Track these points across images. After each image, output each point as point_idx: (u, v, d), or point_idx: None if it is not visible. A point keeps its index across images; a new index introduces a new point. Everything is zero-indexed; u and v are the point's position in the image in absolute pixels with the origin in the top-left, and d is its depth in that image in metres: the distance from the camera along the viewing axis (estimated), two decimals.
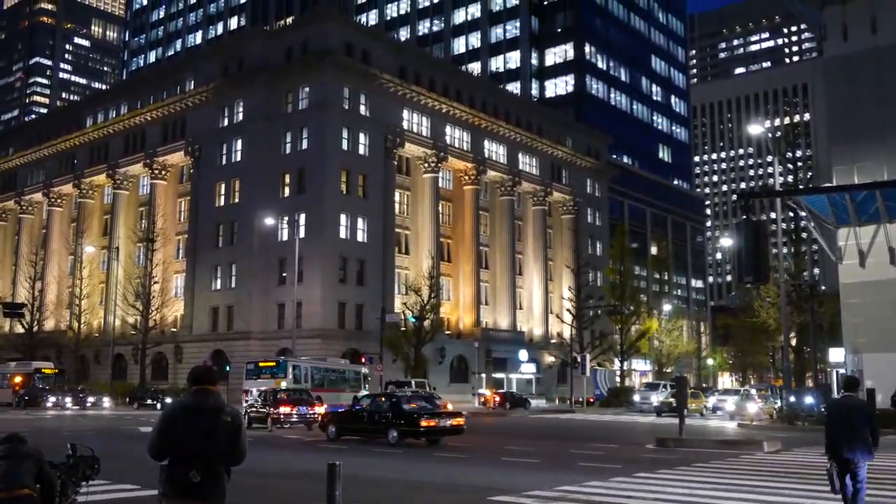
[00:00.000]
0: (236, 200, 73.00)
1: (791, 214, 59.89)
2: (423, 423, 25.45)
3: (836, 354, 50.95)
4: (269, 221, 66.76)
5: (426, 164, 78.51)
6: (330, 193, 69.00)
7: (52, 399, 55.15)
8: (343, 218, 69.94)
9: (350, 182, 70.99)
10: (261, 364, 50.54)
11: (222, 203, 74.34)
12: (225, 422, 6.00)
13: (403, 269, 76.09)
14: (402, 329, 64.04)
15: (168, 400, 48.56)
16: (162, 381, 69.92)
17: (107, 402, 57.70)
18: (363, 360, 62.62)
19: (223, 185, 74.45)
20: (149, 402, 55.95)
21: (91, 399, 57.15)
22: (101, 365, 77.14)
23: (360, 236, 71.31)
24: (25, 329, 76.82)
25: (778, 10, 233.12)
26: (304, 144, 70.47)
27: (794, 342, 60.56)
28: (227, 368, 62.86)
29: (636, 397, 61.62)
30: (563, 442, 28.87)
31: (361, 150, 72.21)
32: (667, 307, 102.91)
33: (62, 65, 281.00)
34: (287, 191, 70.96)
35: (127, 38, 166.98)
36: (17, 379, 59.73)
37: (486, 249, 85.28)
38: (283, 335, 66.24)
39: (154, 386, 65.00)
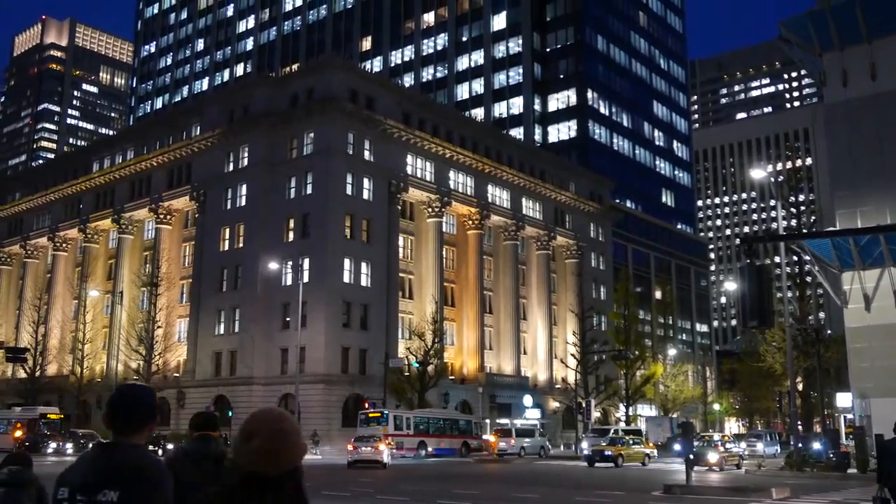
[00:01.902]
0: (240, 245, 73.19)
1: (795, 258, 59.90)
2: None
3: (843, 399, 50.54)
4: (273, 266, 66.86)
5: (430, 209, 78.79)
6: (334, 238, 69.17)
7: (53, 445, 54.70)
8: (347, 263, 70.00)
9: (354, 227, 71.20)
10: (369, 414, 54.64)
11: (226, 247, 74.53)
12: (227, 469, 5.96)
13: (407, 313, 75.92)
14: (406, 374, 63.72)
15: (169, 446, 48.23)
16: (164, 427, 69.34)
17: None
18: (366, 404, 62.20)
19: (227, 230, 74.71)
20: (150, 447, 55.41)
21: (91, 444, 56.65)
22: (104, 411, 76.61)
23: (364, 281, 71.29)
24: (28, 374, 76.53)
25: (778, 56, 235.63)
26: (309, 189, 70.84)
27: (800, 387, 60.10)
28: (230, 414, 62.58)
29: (583, 444, 55.68)
30: (569, 490, 28.55)
31: (365, 195, 72.55)
32: (672, 352, 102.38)
33: (70, 111, 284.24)
34: (291, 235, 71.16)
35: (134, 85, 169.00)
36: (19, 425, 59.30)
37: (489, 294, 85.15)
38: (286, 380, 65.92)
39: (156, 431, 64.44)
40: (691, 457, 30.23)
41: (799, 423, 48.44)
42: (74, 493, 3.56)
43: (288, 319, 68.02)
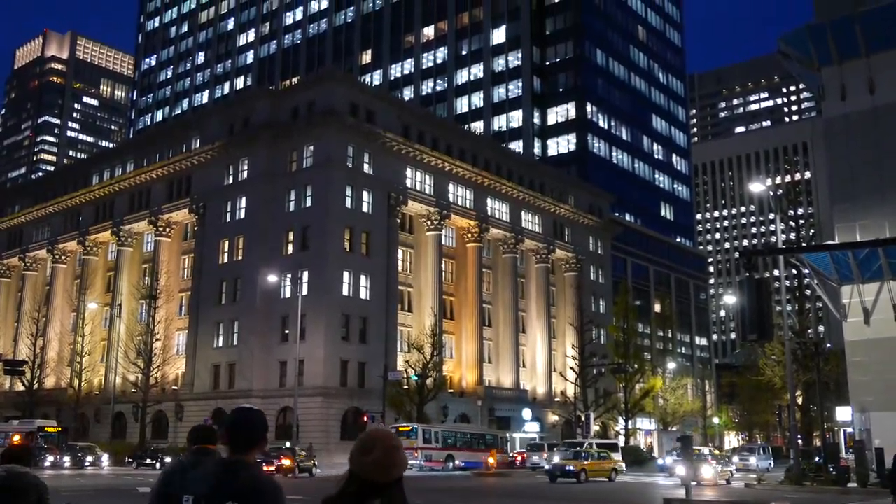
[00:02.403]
0: (240, 258, 73.17)
1: (794, 272, 59.88)
2: None
3: (843, 413, 50.43)
4: (272, 279, 66.83)
5: (429, 222, 78.86)
6: (333, 251, 69.17)
7: (51, 458, 54.47)
8: (346, 275, 69.98)
9: (353, 240, 71.23)
10: (400, 428, 55.16)
11: (226, 260, 74.53)
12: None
13: (406, 326, 75.84)
14: (405, 387, 63.58)
15: (167, 459, 48.04)
16: (162, 440, 69.22)
17: (106, 460, 56.96)
18: (365, 418, 62.04)
19: (227, 243, 74.72)
20: (148, 461, 55.24)
21: (90, 458, 56.43)
22: (101, 423, 76.48)
23: (363, 294, 71.25)
24: (26, 386, 76.34)
25: (776, 70, 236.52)
26: (308, 202, 70.90)
27: (800, 400, 59.97)
28: None
29: (555, 458, 50.14)
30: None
31: (365, 208, 72.61)
32: (671, 365, 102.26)
33: (70, 123, 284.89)
34: (290, 248, 71.16)
35: (135, 98, 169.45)
36: (17, 438, 59.10)
37: (488, 307, 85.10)
38: (284, 393, 65.77)
39: (154, 445, 64.26)
40: (690, 471, 30.13)
41: (799, 436, 48.32)
42: (199, 502, 4.33)
43: (287, 332, 67.93)
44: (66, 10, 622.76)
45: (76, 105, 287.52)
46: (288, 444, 53.54)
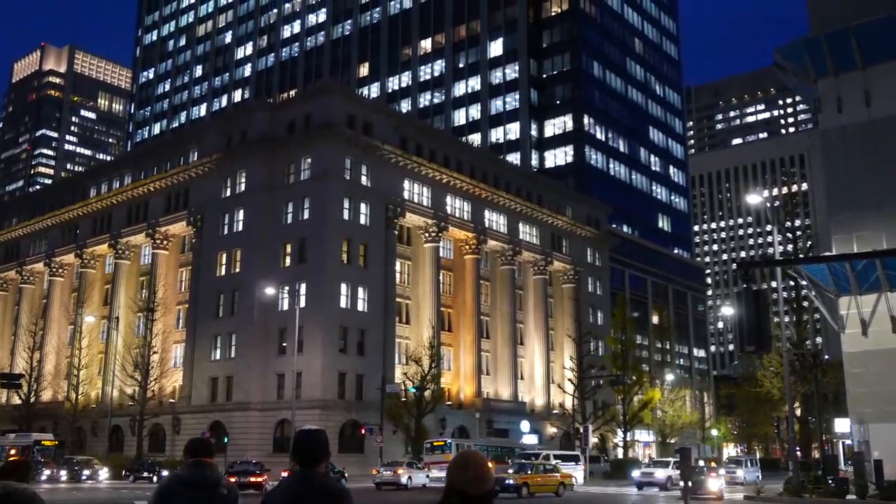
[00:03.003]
0: (237, 270, 73.11)
1: (792, 283, 59.94)
2: None
3: (841, 425, 50.38)
4: (270, 291, 66.76)
5: (427, 234, 78.88)
6: (331, 263, 69.15)
7: (48, 472, 54.20)
8: (344, 287, 69.92)
9: (351, 252, 71.21)
10: (434, 443, 59.45)
11: (223, 273, 74.45)
12: (221, 495, 5.90)
13: (404, 338, 75.75)
14: (403, 399, 63.44)
15: (164, 473, 47.84)
16: (159, 454, 68.95)
17: (103, 474, 56.64)
18: (363, 430, 61.92)
19: (224, 255, 74.67)
20: (145, 474, 55.00)
21: (87, 472, 56.15)
22: (98, 437, 76.20)
23: (361, 306, 71.18)
24: (23, 400, 76.08)
25: (773, 82, 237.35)
26: (306, 214, 70.92)
27: (798, 412, 59.93)
28: (226, 440, 62.17)
29: (510, 470, 45.54)
30: None
31: (362, 220, 72.63)
32: (669, 377, 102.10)
33: (68, 136, 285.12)
34: (288, 261, 71.12)
35: (132, 111, 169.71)
36: (13, 452, 58.83)
37: (486, 319, 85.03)
38: (282, 406, 65.62)
39: (151, 458, 63.97)
40: (689, 484, 30.06)
41: (797, 448, 48.24)
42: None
43: (284, 345, 67.81)
44: (64, 24, 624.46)
45: (74, 118, 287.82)
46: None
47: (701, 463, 56.26)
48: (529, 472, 42.29)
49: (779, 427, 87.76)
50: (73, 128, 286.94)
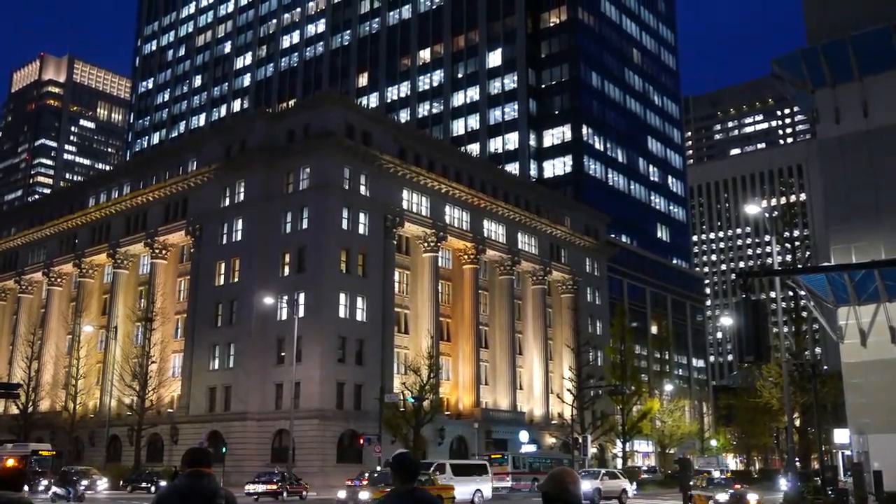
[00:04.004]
0: (236, 280, 73.05)
1: (790, 293, 59.93)
2: None
3: (841, 435, 50.20)
4: (269, 301, 66.65)
5: (426, 244, 78.88)
6: (329, 273, 69.10)
7: (45, 482, 53.86)
8: (342, 297, 69.85)
9: (350, 261, 71.18)
10: (492, 455, 63.84)
11: (222, 282, 74.37)
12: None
13: (403, 348, 75.64)
14: (402, 409, 63.28)
15: (163, 483, 47.71)
16: (157, 463, 68.70)
17: (101, 484, 56.23)
18: (361, 440, 61.74)
19: (223, 265, 74.61)
20: (143, 484, 54.76)
21: (85, 482, 55.74)
22: (96, 446, 75.96)
23: (360, 315, 71.09)
24: (20, 410, 75.86)
25: (771, 92, 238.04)
26: (305, 224, 70.90)
27: (797, 423, 59.79)
28: (224, 450, 62.00)
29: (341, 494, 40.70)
30: None
31: (361, 230, 72.63)
32: (668, 387, 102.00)
33: (67, 146, 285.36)
34: (287, 270, 71.07)
35: (132, 120, 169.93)
36: (11, 462, 58.53)
37: (485, 329, 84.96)
38: (280, 416, 65.45)
39: (149, 468, 63.73)
40: (690, 493, 29.99)
41: (797, 459, 48.15)
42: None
43: (283, 354, 67.71)
44: (63, 34, 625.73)
45: (73, 128, 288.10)
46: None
47: (716, 473, 55.03)
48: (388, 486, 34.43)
49: (778, 438, 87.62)
50: (72, 137, 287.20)
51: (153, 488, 51.56)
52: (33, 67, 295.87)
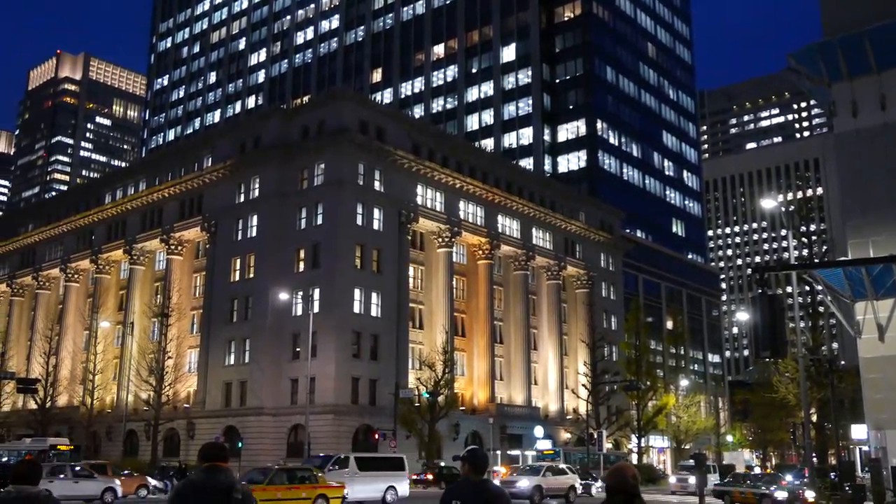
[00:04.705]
0: (251, 276, 73.32)
1: (807, 288, 59.55)
2: None
3: (858, 431, 49.98)
4: (284, 296, 66.91)
5: (440, 239, 78.88)
6: (344, 268, 69.24)
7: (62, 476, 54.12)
8: (357, 293, 69.99)
9: (364, 257, 71.29)
10: (544, 452, 66.87)
11: (237, 278, 74.67)
12: (236, 500, 5.92)
13: (417, 343, 75.72)
14: (416, 405, 63.39)
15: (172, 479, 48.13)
16: (173, 458, 69.12)
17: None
18: (376, 435, 61.90)
19: (238, 261, 74.90)
20: (154, 480, 54.84)
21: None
22: (113, 441, 76.51)
23: (374, 311, 71.21)
24: (38, 405, 76.50)
25: (787, 86, 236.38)
26: (319, 220, 71.05)
27: (814, 418, 59.41)
28: (240, 445, 62.30)
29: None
30: None
31: (376, 226, 72.72)
32: (684, 382, 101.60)
33: (83, 143, 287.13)
34: (301, 266, 71.26)
35: (147, 117, 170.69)
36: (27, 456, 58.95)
37: (500, 324, 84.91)
38: (295, 411, 65.70)
39: (165, 462, 64.08)
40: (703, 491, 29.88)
41: (814, 455, 47.86)
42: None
43: (298, 350, 67.95)
44: (79, 32, 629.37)
45: (89, 125, 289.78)
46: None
47: (757, 470, 53.34)
48: (278, 484, 31.99)
49: (794, 433, 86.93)
50: (88, 134, 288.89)
51: (168, 483, 51.68)
52: (50, 65, 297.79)
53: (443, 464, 60.00)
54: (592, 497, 48.17)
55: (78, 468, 39.17)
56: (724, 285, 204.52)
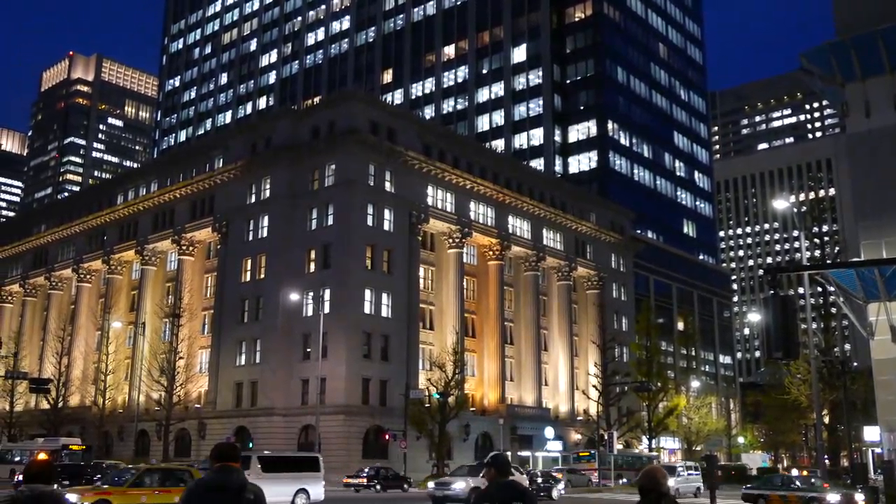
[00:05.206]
0: (262, 276, 73.48)
1: (819, 289, 59.28)
2: None
3: (871, 433, 49.65)
4: (294, 297, 67.02)
5: (451, 240, 78.87)
6: (355, 269, 69.31)
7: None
8: (368, 293, 70.05)
9: (375, 258, 71.34)
10: (580, 454, 70.19)
11: (248, 279, 74.84)
12: (247, 500, 5.93)
13: (428, 344, 75.71)
14: (427, 405, 63.38)
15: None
16: (185, 458, 69.36)
17: None
18: (387, 436, 61.94)
19: (249, 262, 75.08)
20: None
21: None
22: (125, 441, 76.82)
23: (385, 312, 71.24)
24: (51, 405, 76.88)
25: (799, 86, 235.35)
26: (330, 221, 71.16)
27: (826, 420, 59.15)
28: (251, 445, 62.43)
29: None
30: None
31: (386, 227, 72.77)
32: (695, 384, 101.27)
33: (95, 144, 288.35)
34: (312, 267, 71.38)
35: (159, 118, 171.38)
36: (42, 456, 59.22)
37: (510, 325, 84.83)
38: (306, 411, 65.81)
39: (177, 463, 64.27)
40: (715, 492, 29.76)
41: (826, 457, 47.63)
42: (496, 503, 7.33)
43: (308, 350, 68.06)
44: (91, 34, 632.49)
45: (101, 126, 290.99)
46: None
47: (794, 472, 51.45)
48: (123, 486, 28.09)
49: (807, 435, 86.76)
50: (100, 135, 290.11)
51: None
52: (62, 67, 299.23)
53: (379, 464, 58.17)
54: (553, 500, 44.34)
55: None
56: (735, 286, 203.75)
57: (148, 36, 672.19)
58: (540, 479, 46.25)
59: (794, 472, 58.29)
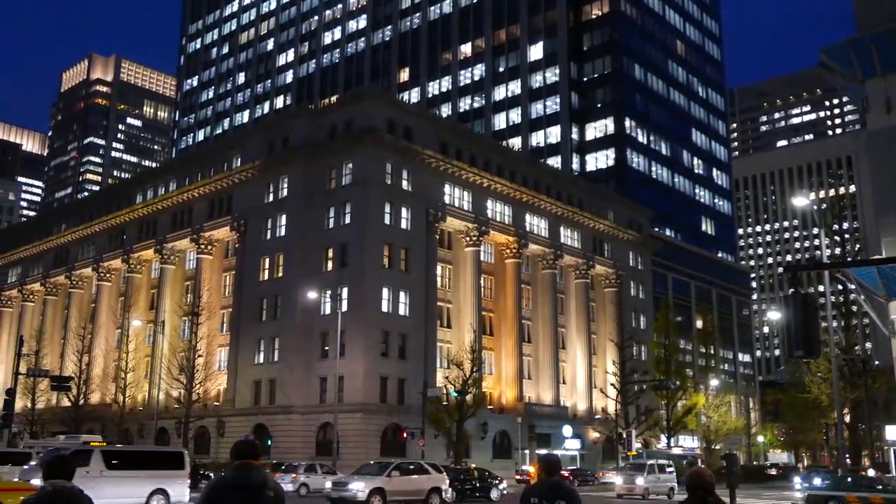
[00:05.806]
0: (280, 275, 73.76)
1: (840, 287, 58.84)
2: None
3: (892, 432, 49.24)
4: (312, 296, 67.21)
5: (468, 238, 78.85)
6: (372, 268, 69.43)
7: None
8: (385, 292, 70.15)
9: (392, 256, 71.43)
10: (628, 453, 66.13)
11: (266, 277, 75.14)
12: (268, 497, 5.95)
13: (445, 342, 75.71)
14: (445, 404, 63.40)
15: (210, 475, 48.35)
16: (204, 456, 69.78)
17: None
18: (404, 434, 62.03)
19: (267, 260, 75.37)
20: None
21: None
22: (145, 438, 77.35)
23: (403, 310, 71.33)
24: (72, 402, 77.54)
25: (819, 83, 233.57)
26: (347, 219, 71.31)
27: (847, 419, 58.71)
28: (269, 443, 62.68)
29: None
30: None
31: (404, 225, 72.84)
32: (714, 382, 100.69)
33: (115, 144, 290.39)
34: (330, 265, 71.57)
35: (177, 118, 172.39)
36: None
37: (528, 323, 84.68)
38: (324, 409, 66.01)
39: (196, 460, 64.51)
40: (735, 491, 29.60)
41: (847, 456, 47.27)
42: (542, 500, 7.75)
43: (326, 349, 68.27)
44: (110, 34, 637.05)
45: (120, 126, 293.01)
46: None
47: (871, 472, 47.78)
48: None
49: (827, 434, 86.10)
50: (119, 135, 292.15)
51: (201, 483, 52.08)
52: (81, 67, 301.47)
53: (276, 461, 55.13)
54: (491, 501, 40.77)
55: None
56: (754, 284, 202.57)
57: (166, 36, 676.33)
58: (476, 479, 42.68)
59: (872, 472, 52.18)
